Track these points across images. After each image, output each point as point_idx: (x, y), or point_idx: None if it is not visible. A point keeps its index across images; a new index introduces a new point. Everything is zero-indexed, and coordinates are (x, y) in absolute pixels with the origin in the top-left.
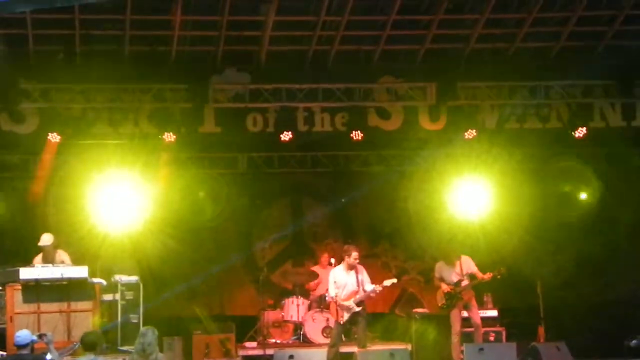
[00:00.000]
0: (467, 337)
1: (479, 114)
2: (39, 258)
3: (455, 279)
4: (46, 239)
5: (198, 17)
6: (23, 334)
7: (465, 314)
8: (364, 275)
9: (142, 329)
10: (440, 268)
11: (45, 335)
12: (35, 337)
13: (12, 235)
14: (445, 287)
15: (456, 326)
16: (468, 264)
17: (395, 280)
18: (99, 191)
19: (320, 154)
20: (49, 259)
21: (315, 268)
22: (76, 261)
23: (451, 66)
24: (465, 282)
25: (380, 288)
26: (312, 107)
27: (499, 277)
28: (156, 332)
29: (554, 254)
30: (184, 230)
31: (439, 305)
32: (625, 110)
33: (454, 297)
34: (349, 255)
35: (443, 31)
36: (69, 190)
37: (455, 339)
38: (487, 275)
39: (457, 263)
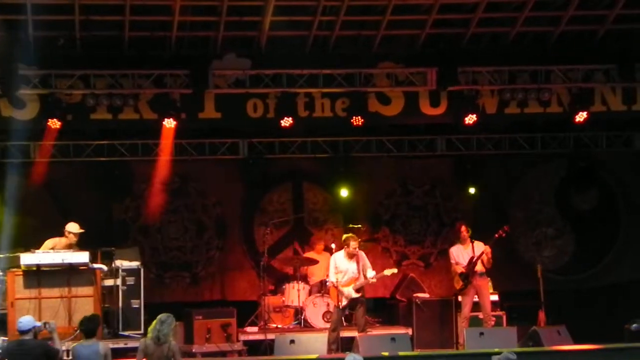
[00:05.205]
0: (475, 322)
1: (480, 98)
2: (50, 243)
3: (467, 259)
4: (75, 228)
5: (198, 2)
6: (25, 320)
7: (476, 299)
8: (365, 262)
9: (162, 315)
10: (456, 251)
11: (48, 323)
12: (38, 324)
13: None
14: (459, 269)
15: (465, 310)
16: (480, 248)
17: (395, 271)
18: None
19: (320, 139)
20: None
21: (310, 254)
22: None
23: (451, 51)
24: (476, 260)
25: (375, 280)
26: (312, 92)
27: (504, 235)
28: (175, 322)
29: None
30: None
31: (457, 288)
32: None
33: (468, 277)
34: (348, 245)
35: (443, 16)
36: None
37: (463, 323)
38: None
39: (471, 245)
